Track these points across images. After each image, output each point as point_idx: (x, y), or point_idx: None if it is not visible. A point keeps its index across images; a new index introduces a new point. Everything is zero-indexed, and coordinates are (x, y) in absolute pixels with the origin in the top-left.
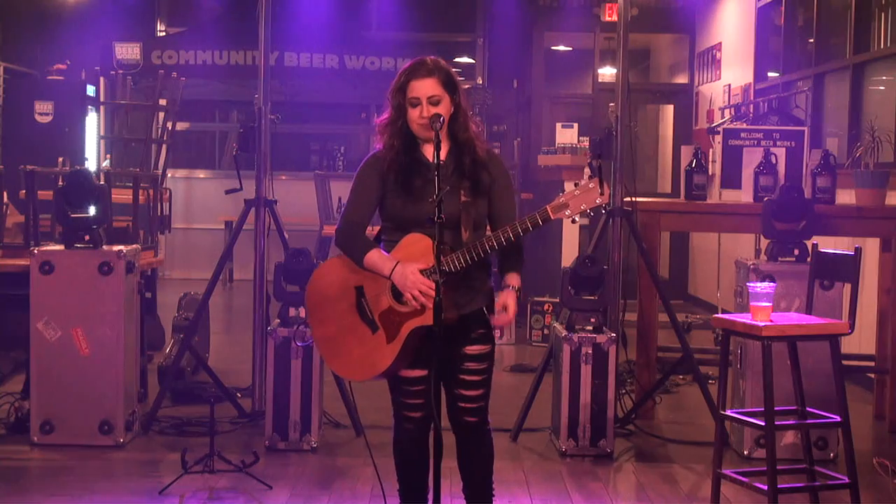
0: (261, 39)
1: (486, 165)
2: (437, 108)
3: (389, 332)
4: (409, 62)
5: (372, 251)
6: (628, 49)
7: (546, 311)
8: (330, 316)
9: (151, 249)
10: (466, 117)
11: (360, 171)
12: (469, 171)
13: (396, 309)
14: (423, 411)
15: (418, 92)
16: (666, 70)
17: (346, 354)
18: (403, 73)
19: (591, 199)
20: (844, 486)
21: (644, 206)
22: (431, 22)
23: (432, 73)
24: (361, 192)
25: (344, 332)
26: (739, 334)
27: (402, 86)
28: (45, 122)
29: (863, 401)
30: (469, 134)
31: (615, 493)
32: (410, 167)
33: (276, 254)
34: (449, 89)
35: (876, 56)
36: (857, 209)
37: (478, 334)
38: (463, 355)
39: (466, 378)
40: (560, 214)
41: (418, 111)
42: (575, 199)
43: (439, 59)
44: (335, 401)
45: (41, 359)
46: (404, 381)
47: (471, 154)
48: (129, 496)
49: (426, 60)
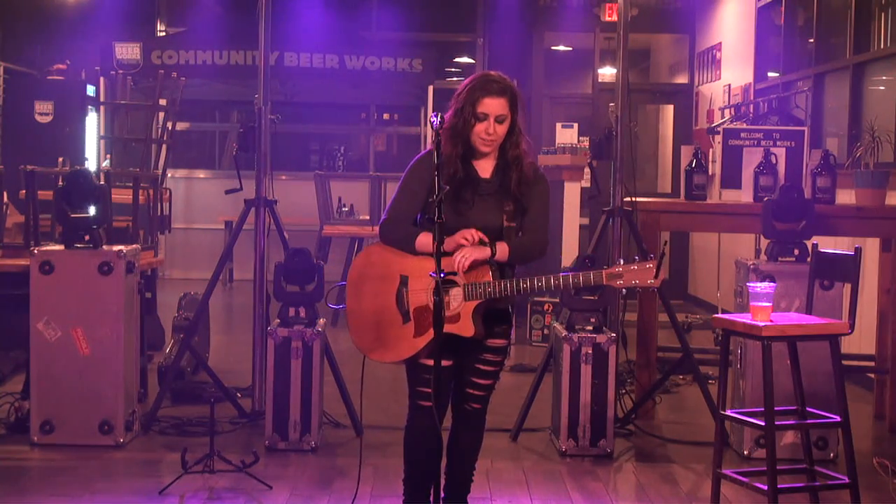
0: (261, 39)
1: (531, 185)
2: (502, 127)
3: (419, 328)
4: (478, 74)
5: (422, 234)
6: (628, 49)
7: (546, 311)
8: (369, 293)
9: (151, 249)
10: (520, 136)
11: (412, 169)
12: (514, 191)
13: (432, 309)
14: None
15: (488, 109)
16: (666, 70)
17: (371, 332)
18: (477, 87)
19: (644, 279)
20: (844, 486)
21: (644, 206)
22: (431, 22)
23: (504, 93)
24: (409, 192)
25: (377, 311)
26: (739, 334)
27: (474, 99)
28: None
29: (863, 401)
30: (519, 151)
31: (615, 493)
32: (464, 178)
33: (276, 254)
34: (513, 110)
35: (876, 56)
36: (857, 209)
37: (500, 329)
38: (484, 347)
39: (482, 368)
40: (612, 282)
41: (484, 127)
42: (630, 273)
43: (505, 76)
44: (335, 401)
45: (41, 359)
46: (421, 368)
47: (518, 171)
48: (129, 496)
49: (497, 78)
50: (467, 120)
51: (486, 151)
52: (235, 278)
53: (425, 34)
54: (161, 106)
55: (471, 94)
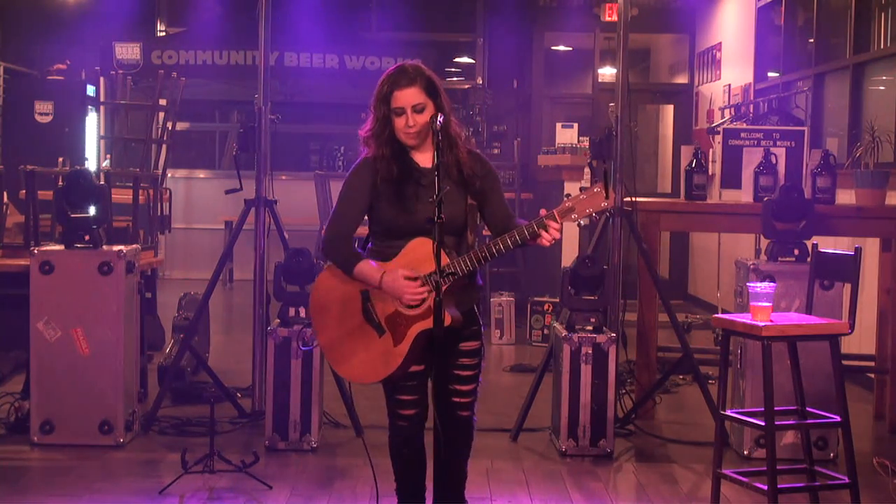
0: (261, 39)
1: (471, 166)
2: (422, 116)
3: (396, 336)
4: (390, 69)
5: (361, 263)
6: (628, 49)
7: (546, 311)
8: (333, 322)
9: (151, 249)
10: (449, 120)
11: (349, 178)
12: (458, 174)
13: (403, 312)
14: (417, 408)
15: (402, 101)
16: (666, 70)
17: (352, 357)
18: (385, 82)
19: (597, 203)
20: (844, 486)
21: (644, 206)
22: (431, 22)
23: (414, 82)
24: (350, 201)
25: (349, 336)
26: (739, 334)
27: (385, 96)
28: (45, 122)
29: (863, 401)
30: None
31: (615, 493)
32: (402, 174)
33: (276, 254)
34: (432, 95)
35: (876, 56)
36: (857, 209)
37: (470, 331)
38: (457, 352)
39: (461, 374)
40: (567, 219)
41: (404, 120)
42: (581, 203)
43: (419, 64)
44: (335, 401)
45: (41, 359)
46: (400, 377)
47: (454, 155)
48: (129, 496)
49: (407, 68)
50: (387, 118)
51: (413, 144)
52: (235, 278)
53: (425, 34)
54: (161, 106)
55: (381, 92)
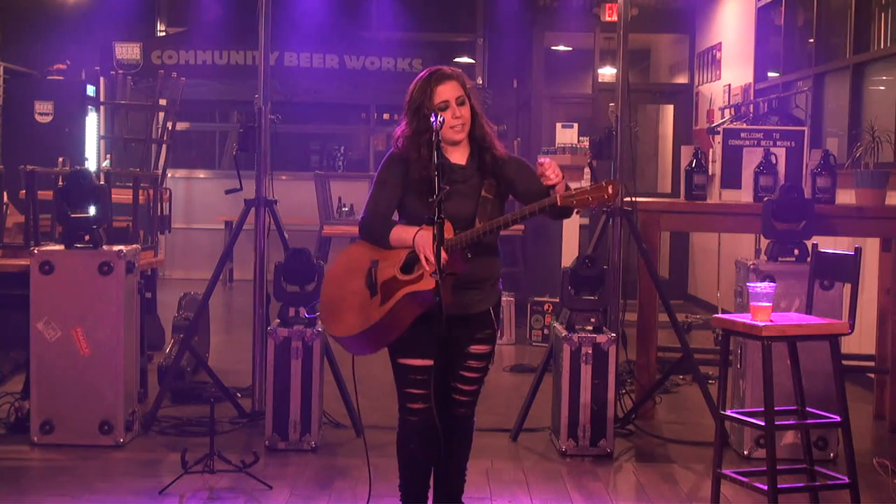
0: (261, 39)
1: (507, 162)
2: (466, 108)
3: (385, 296)
4: (420, 75)
5: (395, 228)
6: (628, 49)
7: (546, 311)
8: (336, 283)
9: (151, 249)
10: (481, 118)
11: (382, 170)
12: (492, 169)
13: (398, 277)
14: (426, 402)
15: (446, 95)
16: (666, 70)
17: (342, 315)
18: (424, 82)
19: (600, 195)
20: (844, 486)
21: (644, 206)
22: (431, 22)
23: (453, 77)
24: (386, 186)
25: (346, 297)
26: (739, 334)
27: (428, 95)
28: (45, 122)
29: (863, 401)
30: (485, 131)
31: (615, 493)
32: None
33: (276, 254)
34: (468, 93)
35: (876, 56)
36: (857, 209)
37: (484, 335)
38: (467, 354)
39: (466, 374)
40: (568, 202)
41: (450, 113)
42: (583, 192)
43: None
44: (335, 401)
45: (41, 359)
46: (409, 370)
47: (490, 151)
48: (129, 496)
49: (441, 67)
50: (428, 119)
51: (460, 139)
52: (235, 278)
53: (425, 34)
54: (161, 106)
55: (423, 91)
